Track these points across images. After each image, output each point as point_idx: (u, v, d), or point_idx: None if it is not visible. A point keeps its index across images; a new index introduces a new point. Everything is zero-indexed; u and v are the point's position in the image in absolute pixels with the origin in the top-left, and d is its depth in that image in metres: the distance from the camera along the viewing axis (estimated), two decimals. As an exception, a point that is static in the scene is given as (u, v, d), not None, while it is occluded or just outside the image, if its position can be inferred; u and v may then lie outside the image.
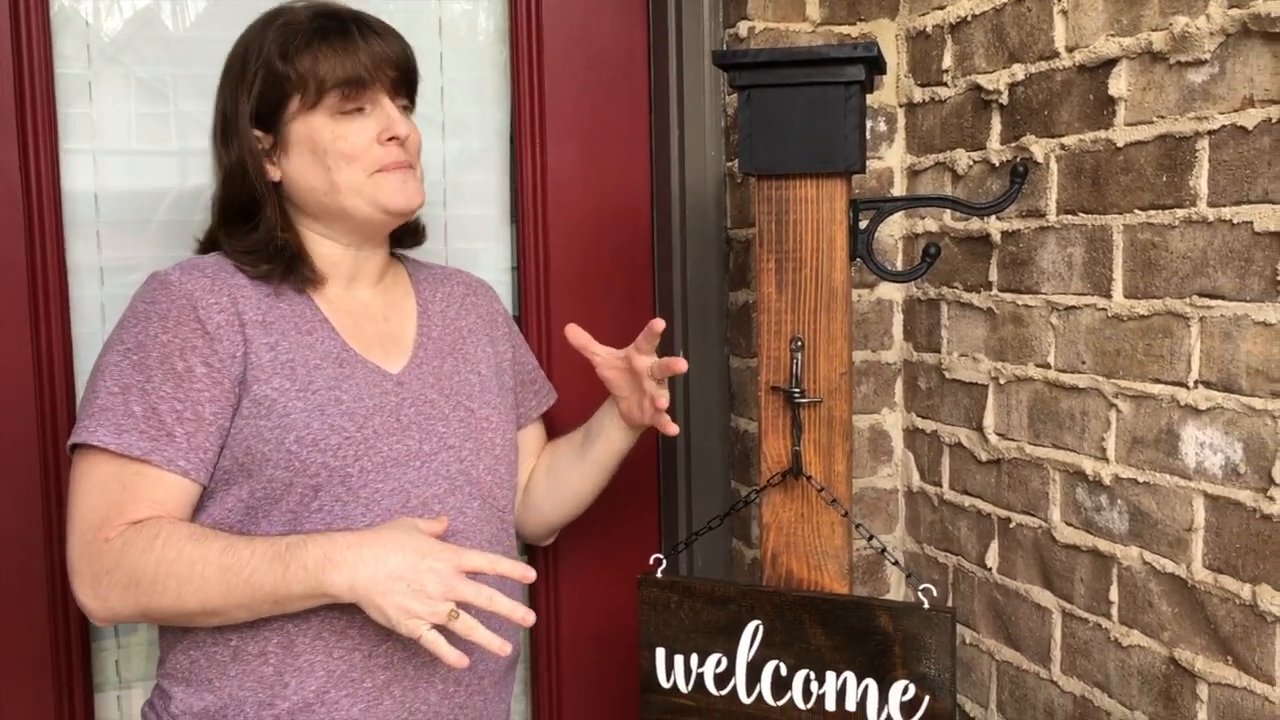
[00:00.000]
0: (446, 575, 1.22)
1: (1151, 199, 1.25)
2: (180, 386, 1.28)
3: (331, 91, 1.33)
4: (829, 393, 1.35)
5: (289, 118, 1.34)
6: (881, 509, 1.75)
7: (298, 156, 1.36)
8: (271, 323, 1.34)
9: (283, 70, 1.33)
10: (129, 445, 1.26)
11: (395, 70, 1.36)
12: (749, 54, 1.31)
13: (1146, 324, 1.27)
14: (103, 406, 1.28)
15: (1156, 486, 1.27)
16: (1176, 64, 1.21)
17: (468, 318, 1.52)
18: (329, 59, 1.32)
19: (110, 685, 1.73)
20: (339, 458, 1.30)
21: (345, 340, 1.38)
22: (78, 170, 1.66)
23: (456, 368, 1.45)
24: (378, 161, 1.35)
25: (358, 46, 1.33)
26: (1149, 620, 1.29)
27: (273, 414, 1.29)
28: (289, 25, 1.35)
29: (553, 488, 1.59)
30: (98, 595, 1.26)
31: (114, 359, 1.30)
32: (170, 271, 1.34)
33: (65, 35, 1.64)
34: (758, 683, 1.33)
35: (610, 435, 1.52)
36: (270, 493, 1.30)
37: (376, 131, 1.35)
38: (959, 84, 1.55)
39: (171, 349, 1.29)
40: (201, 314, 1.30)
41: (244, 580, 1.23)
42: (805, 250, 1.33)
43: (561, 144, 1.79)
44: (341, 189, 1.35)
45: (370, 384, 1.36)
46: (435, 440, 1.38)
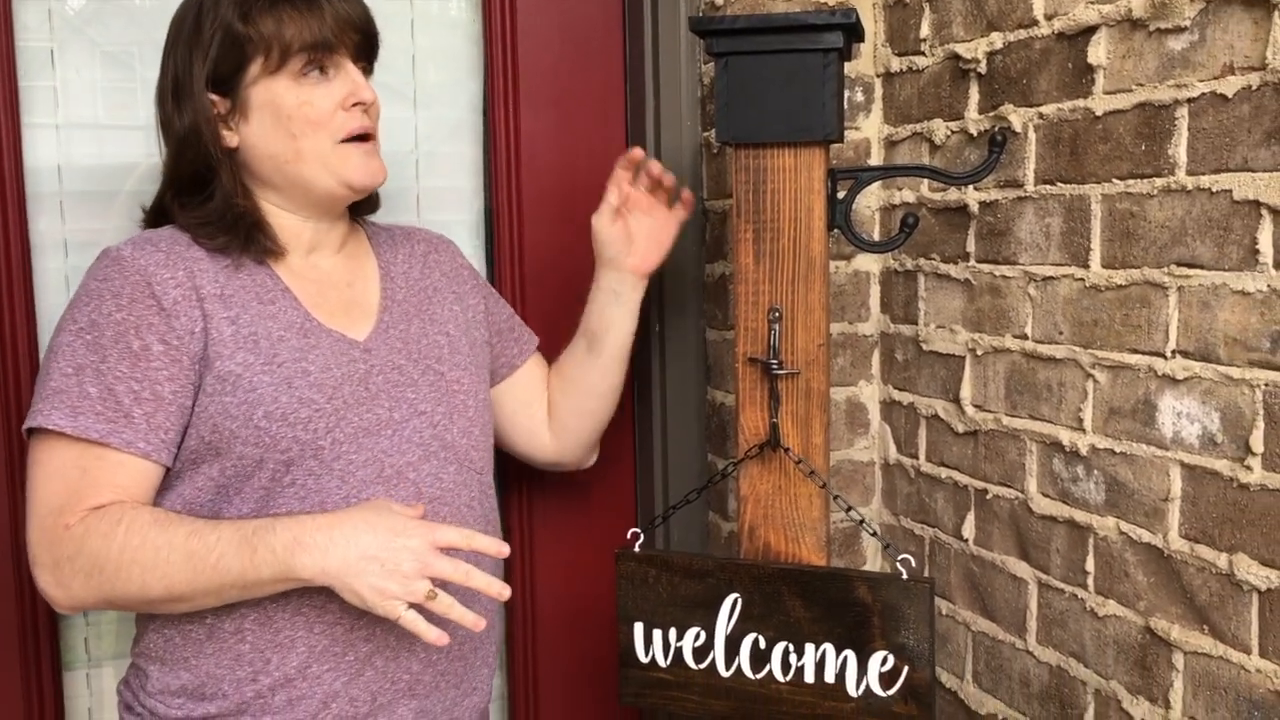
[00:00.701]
0: (421, 552, 1.20)
1: (1130, 168, 1.25)
2: (137, 365, 1.25)
3: (296, 55, 1.29)
4: (806, 364, 1.34)
5: (249, 81, 1.30)
6: (858, 481, 1.74)
7: (258, 122, 1.31)
8: (231, 295, 1.30)
9: (243, 32, 1.28)
10: (86, 428, 1.23)
11: (358, 34, 1.33)
12: (726, 20, 1.29)
13: (1124, 294, 1.27)
14: (57, 389, 1.24)
15: (1133, 457, 1.27)
16: (1156, 31, 1.20)
17: (431, 276, 1.49)
18: (294, 21, 1.28)
19: (79, 663, 1.71)
20: (309, 431, 1.28)
21: (308, 310, 1.35)
22: (41, 143, 1.63)
23: (424, 329, 1.43)
24: (343, 128, 1.32)
25: (322, 8, 1.29)
26: (1125, 590, 1.29)
27: (238, 390, 1.27)
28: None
29: (578, 402, 1.57)
30: (59, 583, 1.24)
31: (67, 339, 1.26)
32: (123, 247, 1.30)
33: (27, 6, 1.60)
34: (737, 655, 1.33)
35: (616, 321, 1.52)
36: (241, 470, 1.27)
37: (341, 97, 1.31)
38: (937, 53, 1.54)
39: (127, 327, 1.25)
40: (157, 290, 1.26)
41: (210, 566, 1.20)
42: (783, 220, 1.32)
43: (535, 114, 1.77)
44: (305, 157, 1.31)
45: (337, 353, 1.33)
46: (406, 407, 1.36)
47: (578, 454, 1.63)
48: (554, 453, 1.62)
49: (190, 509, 1.29)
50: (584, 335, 1.56)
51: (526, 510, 1.83)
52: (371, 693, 1.32)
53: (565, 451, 1.62)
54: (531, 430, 1.60)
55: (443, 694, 1.39)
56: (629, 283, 1.52)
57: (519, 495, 1.82)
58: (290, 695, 1.30)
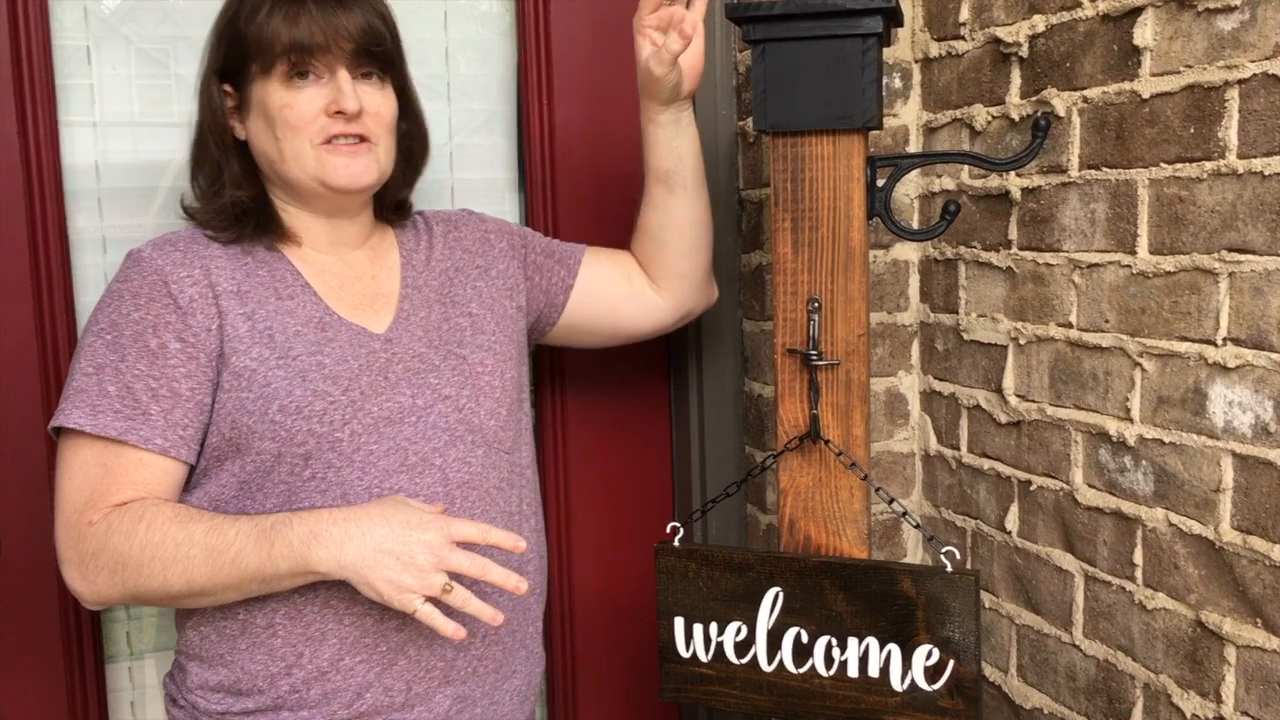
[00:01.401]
0: (437, 546, 1.20)
1: (1178, 152, 1.22)
2: (155, 364, 1.26)
3: (280, 58, 1.29)
4: (847, 354, 1.32)
5: (249, 79, 1.32)
6: (898, 473, 1.72)
7: (255, 121, 1.34)
8: (248, 291, 1.32)
9: (242, 32, 1.31)
10: (104, 426, 1.25)
11: (352, 42, 1.31)
12: (763, 7, 1.27)
13: (1173, 280, 1.24)
14: (78, 388, 1.27)
15: (1183, 447, 1.24)
16: (1205, 11, 1.17)
17: (453, 255, 1.48)
18: (278, 25, 1.29)
19: (122, 657, 1.72)
20: (325, 423, 1.28)
21: (328, 304, 1.35)
22: (78, 140, 1.63)
23: (445, 314, 1.42)
24: (323, 133, 1.31)
25: (310, 13, 1.29)
26: (1175, 583, 1.27)
27: (254, 385, 1.27)
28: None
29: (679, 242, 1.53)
30: (85, 579, 1.25)
31: (89, 339, 1.29)
32: (144, 248, 1.33)
33: (64, 5, 1.61)
34: (779, 650, 1.31)
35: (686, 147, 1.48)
36: (261, 465, 1.28)
37: (324, 103, 1.31)
38: (977, 37, 1.51)
39: (144, 326, 1.27)
40: (173, 288, 1.28)
41: (229, 560, 1.21)
42: (822, 209, 1.31)
43: (569, 105, 1.76)
44: (287, 158, 1.32)
45: (355, 345, 1.33)
46: (430, 393, 1.35)
47: (697, 295, 1.59)
48: (674, 308, 1.58)
49: (216, 506, 1.29)
50: (657, 180, 1.51)
51: (564, 502, 1.82)
52: (406, 682, 1.32)
53: (685, 300, 1.58)
54: (638, 305, 1.57)
55: (481, 679, 1.38)
56: (685, 107, 1.48)
57: (556, 488, 1.81)
58: (325, 688, 1.30)
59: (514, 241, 1.54)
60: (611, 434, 1.84)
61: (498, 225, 1.55)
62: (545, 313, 1.53)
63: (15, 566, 1.59)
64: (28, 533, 1.58)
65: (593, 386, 1.82)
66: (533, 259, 1.54)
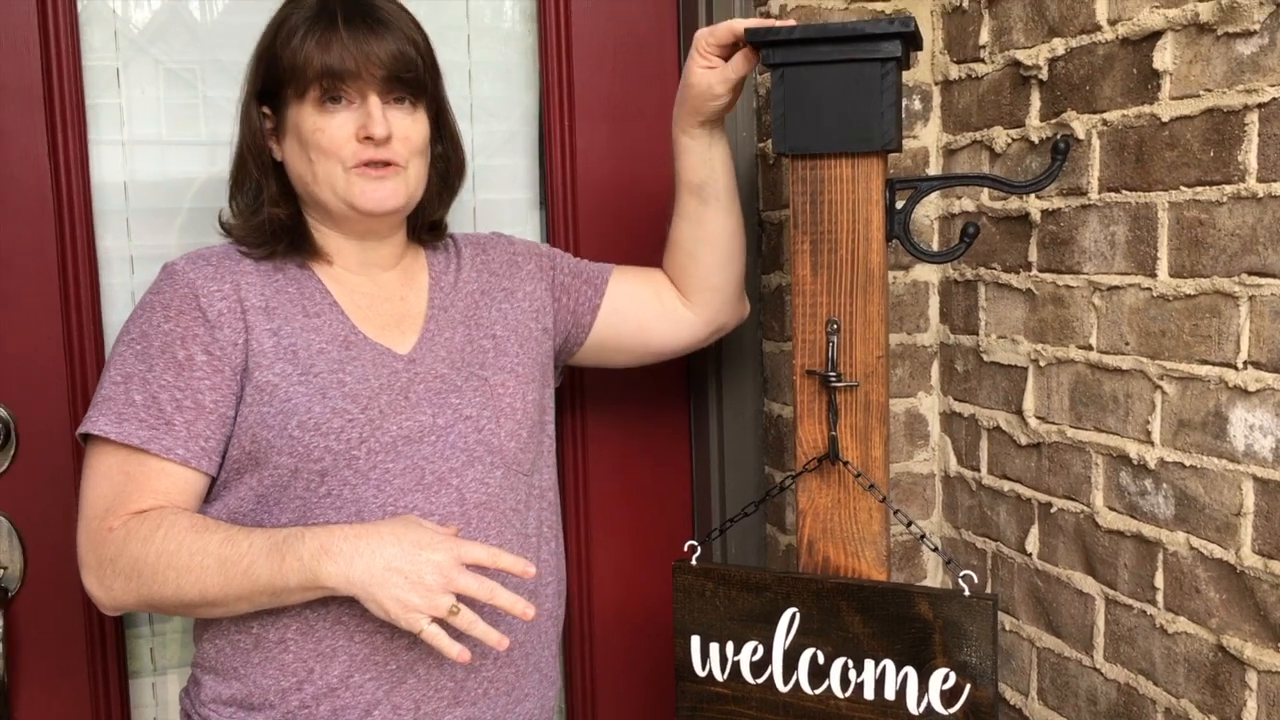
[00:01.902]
0: (446, 567, 1.20)
1: (1198, 175, 1.22)
2: (181, 375, 1.28)
3: (313, 83, 1.31)
4: (865, 376, 1.32)
5: (285, 103, 1.34)
6: (918, 494, 1.72)
7: (290, 143, 1.36)
8: (275, 308, 1.34)
9: (278, 56, 1.33)
10: (128, 434, 1.27)
11: (383, 68, 1.32)
12: (783, 31, 1.28)
13: (1193, 303, 1.24)
14: (106, 396, 1.29)
15: (1204, 470, 1.24)
16: (1224, 35, 1.18)
17: (479, 279, 1.49)
18: (312, 50, 1.31)
19: (145, 672, 1.73)
20: (342, 441, 1.29)
21: (354, 323, 1.37)
22: (107, 160, 1.66)
23: (469, 336, 1.43)
24: (354, 158, 1.33)
25: (341, 40, 1.31)
26: (1196, 607, 1.26)
27: (275, 400, 1.29)
28: (297, 7, 1.35)
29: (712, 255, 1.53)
30: (102, 583, 1.27)
31: (120, 349, 1.32)
32: (178, 261, 1.36)
33: (94, 26, 1.64)
34: (795, 671, 1.31)
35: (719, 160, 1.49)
36: (278, 479, 1.29)
37: (354, 128, 1.33)
38: (996, 60, 1.52)
39: (173, 338, 1.29)
40: (203, 302, 1.31)
41: (241, 572, 1.22)
42: (840, 231, 1.31)
43: (591, 126, 1.77)
44: (319, 181, 1.34)
45: (377, 365, 1.35)
46: (450, 412, 1.36)
47: (730, 309, 1.59)
48: (706, 323, 1.58)
49: (234, 519, 1.31)
50: (690, 192, 1.51)
51: (584, 521, 1.83)
52: (415, 700, 1.32)
53: (717, 314, 1.58)
54: (669, 322, 1.57)
55: (492, 701, 1.38)
56: (720, 122, 1.49)
57: (577, 507, 1.82)
58: (334, 705, 1.31)
59: (542, 263, 1.55)
60: (632, 453, 1.84)
61: (525, 247, 1.56)
62: (573, 333, 1.54)
63: (42, 581, 1.61)
64: (55, 548, 1.60)
65: (613, 406, 1.82)
66: (560, 280, 1.54)
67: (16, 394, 1.59)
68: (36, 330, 1.59)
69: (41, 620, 1.61)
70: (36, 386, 1.59)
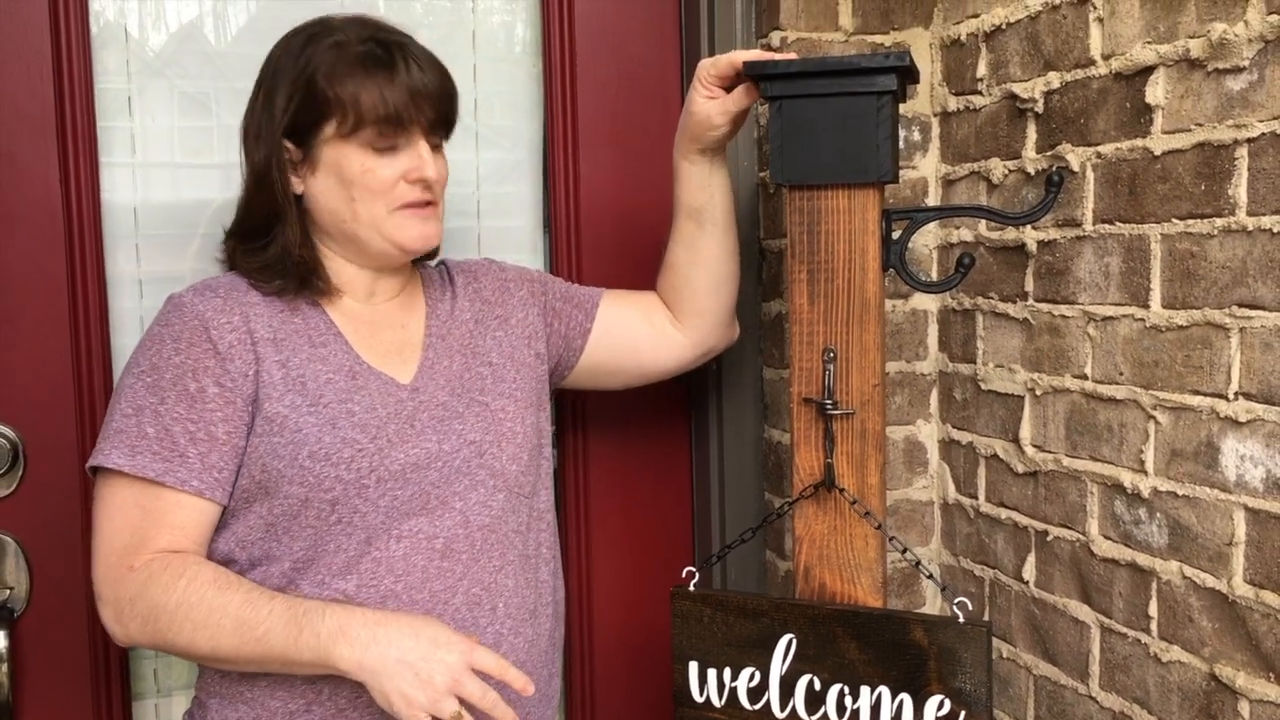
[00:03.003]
0: (456, 669, 1.22)
1: (1190, 208, 1.24)
2: (193, 407, 1.29)
3: (370, 126, 1.31)
4: (861, 404, 1.34)
5: (322, 139, 1.33)
6: (917, 521, 1.73)
7: (324, 178, 1.35)
8: (283, 339, 1.34)
9: (325, 92, 1.31)
10: (143, 467, 1.28)
11: (434, 111, 1.35)
12: (780, 64, 1.31)
13: (1185, 335, 1.25)
14: (118, 429, 1.29)
15: (1196, 500, 1.25)
16: (1214, 71, 1.19)
17: (473, 307, 1.50)
18: (372, 92, 1.30)
19: (149, 694, 1.74)
20: (352, 470, 1.31)
21: (358, 353, 1.38)
22: (118, 183, 1.68)
23: (467, 363, 1.44)
24: (400, 198, 1.35)
25: (402, 83, 1.31)
26: (1189, 636, 1.27)
27: (285, 431, 1.30)
28: (339, 46, 1.33)
29: (706, 278, 1.55)
30: (119, 620, 1.28)
31: (129, 381, 1.32)
32: (184, 293, 1.36)
33: (108, 50, 1.67)
34: (791, 697, 1.32)
35: (718, 185, 1.50)
36: (288, 509, 1.31)
37: (405, 169, 1.34)
38: (994, 92, 1.54)
39: (184, 370, 1.30)
40: (214, 334, 1.31)
41: (256, 638, 1.23)
42: (837, 261, 1.33)
43: (594, 155, 1.79)
44: (361, 219, 1.35)
45: (384, 394, 1.36)
46: (455, 438, 1.38)
47: (720, 333, 1.61)
48: (695, 344, 1.60)
49: (243, 547, 1.32)
50: (688, 216, 1.53)
51: (585, 545, 1.84)
52: None
53: (707, 337, 1.60)
54: (659, 343, 1.59)
55: None
56: (722, 151, 1.50)
57: (577, 530, 1.83)
58: None
59: (534, 289, 1.56)
60: (633, 478, 1.86)
61: (517, 273, 1.58)
62: (564, 357, 1.56)
63: (47, 602, 1.62)
64: (61, 569, 1.62)
65: (614, 431, 1.84)
66: (551, 305, 1.56)
67: (24, 416, 1.61)
68: (45, 352, 1.61)
69: (46, 641, 1.63)
70: (44, 408, 1.61)
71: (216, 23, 1.72)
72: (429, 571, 1.34)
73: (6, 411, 1.60)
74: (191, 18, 1.71)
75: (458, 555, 1.36)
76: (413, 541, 1.34)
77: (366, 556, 1.32)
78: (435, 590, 1.34)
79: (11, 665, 1.58)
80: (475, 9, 1.82)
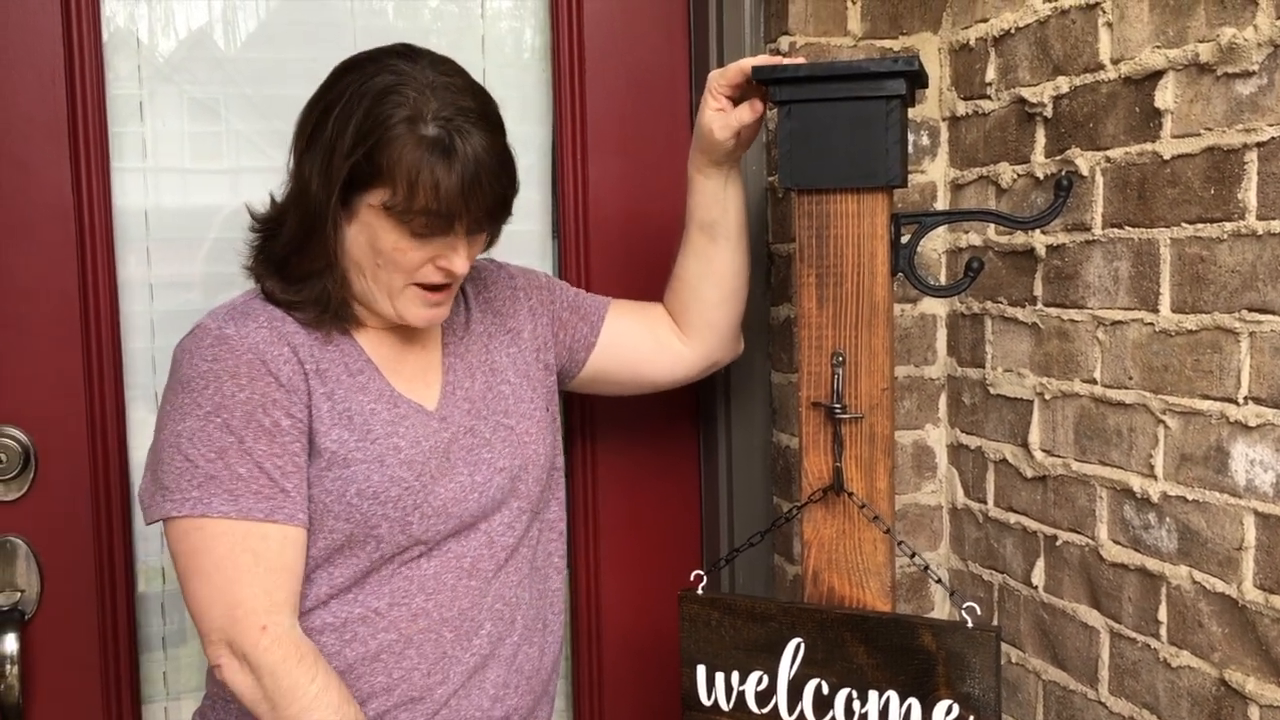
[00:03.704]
0: None
1: (1199, 212, 1.24)
2: (275, 441, 1.26)
3: (417, 216, 1.25)
4: (870, 409, 1.34)
5: (368, 201, 1.26)
6: (925, 525, 1.73)
7: (357, 234, 1.29)
8: (325, 370, 1.32)
9: (386, 166, 1.23)
10: (249, 509, 1.24)
11: (483, 212, 1.28)
12: (789, 69, 1.31)
13: (1195, 339, 1.25)
14: (208, 475, 1.24)
15: (1206, 504, 1.25)
16: (1224, 75, 1.19)
17: (485, 320, 1.49)
18: (434, 184, 1.23)
19: (158, 697, 1.75)
20: (399, 509, 1.30)
21: (390, 381, 1.36)
22: (130, 188, 1.69)
23: (488, 382, 1.44)
24: (421, 278, 1.31)
25: (465, 185, 1.24)
26: (1199, 641, 1.26)
27: (334, 466, 1.29)
28: (413, 120, 1.23)
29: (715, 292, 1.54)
30: (240, 671, 1.24)
31: (195, 424, 1.25)
32: (224, 326, 1.29)
33: (119, 55, 1.68)
34: (799, 701, 1.32)
35: (732, 199, 1.50)
36: (332, 543, 1.30)
37: (434, 255, 1.29)
38: (1003, 97, 1.54)
39: (254, 405, 1.26)
40: (272, 367, 1.27)
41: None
42: (846, 265, 1.33)
43: (603, 160, 1.80)
44: (379, 282, 1.31)
45: (420, 425, 1.35)
46: (486, 468, 1.38)
47: (725, 346, 1.61)
48: (701, 358, 1.59)
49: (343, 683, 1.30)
50: (700, 229, 1.52)
51: (593, 549, 1.84)
52: None
53: (712, 350, 1.59)
54: (663, 356, 1.59)
55: None
56: (736, 164, 1.50)
57: (586, 535, 1.83)
58: None
59: (543, 297, 1.55)
60: (641, 482, 1.86)
61: (526, 280, 1.56)
62: (567, 367, 1.56)
63: (58, 605, 1.63)
64: (72, 572, 1.63)
65: (623, 435, 1.84)
66: (559, 315, 1.56)
67: (36, 419, 1.61)
68: (57, 356, 1.62)
69: (57, 644, 1.63)
70: (56, 412, 1.62)
71: (226, 29, 1.73)
72: (457, 590, 1.35)
73: (18, 414, 1.61)
74: (201, 24, 1.72)
75: (483, 574, 1.37)
76: (443, 560, 1.34)
77: (399, 575, 1.33)
78: (463, 608, 1.35)
79: (22, 667, 1.58)
80: (484, 14, 1.83)
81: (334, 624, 1.31)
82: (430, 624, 1.33)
